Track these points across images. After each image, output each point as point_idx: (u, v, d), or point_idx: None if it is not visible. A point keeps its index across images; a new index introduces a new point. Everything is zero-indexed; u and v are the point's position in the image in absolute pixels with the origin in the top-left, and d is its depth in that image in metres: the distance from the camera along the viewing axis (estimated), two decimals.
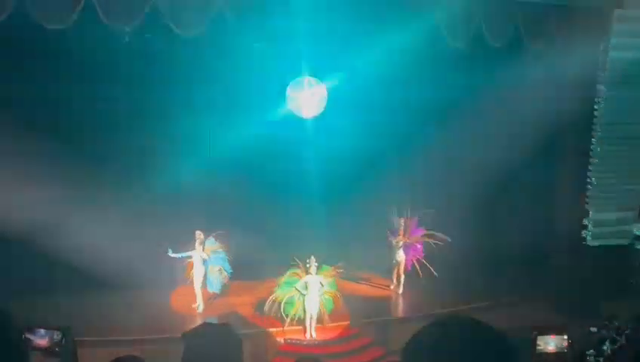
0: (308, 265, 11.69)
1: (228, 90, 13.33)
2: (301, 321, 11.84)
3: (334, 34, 12.29)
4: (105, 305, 12.27)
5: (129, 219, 12.46)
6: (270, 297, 11.95)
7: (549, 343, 9.96)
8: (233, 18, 11.42)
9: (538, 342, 9.95)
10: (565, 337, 10.01)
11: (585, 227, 14.61)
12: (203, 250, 12.44)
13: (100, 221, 12.13)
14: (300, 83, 13.37)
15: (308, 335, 11.80)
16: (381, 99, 13.86)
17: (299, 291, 11.70)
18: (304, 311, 11.75)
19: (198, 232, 12.43)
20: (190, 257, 12.42)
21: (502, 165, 13.72)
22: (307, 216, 13.88)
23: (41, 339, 9.59)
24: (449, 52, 12.92)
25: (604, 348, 10.49)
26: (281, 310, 11.82)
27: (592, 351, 10.44)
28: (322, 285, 11.71)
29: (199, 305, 12.58)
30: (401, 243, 13.63)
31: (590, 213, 14.59)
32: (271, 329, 11.90)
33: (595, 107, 14.12)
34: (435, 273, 13.40)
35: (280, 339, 11.79)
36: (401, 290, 13.83)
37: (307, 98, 13.40)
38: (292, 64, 13.26)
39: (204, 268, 12.47)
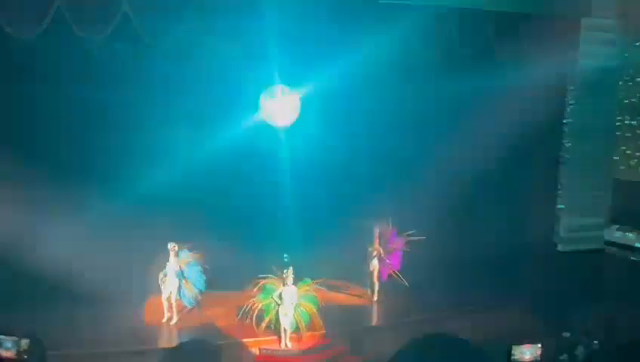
0: (285, 276, 11.63)
1: (201, 99, 13.28)
2: (277, 330, 11.80)
3: (308, 43, 12.33)
4: (76, 317, 12.10)
5: (101, 230, 12.31)
6: (248, 302, 11.88)
7: (525, 353, 10.01)
8: (205, 27, 11.42)
9: (513, 352, 10.00)
10: (539, 345, 10.09)
11: (556, 233, 14.78)
12: (177, 262, 12.32)
13: (70, 232, 11.96)
14: (274, 91, 13.36)
15: (283, 345, 11.75)
16: (354, 108, 13.92)
17: (275, 300, 11.66)
18: (278, 321, 11.71)
19: (172, 245, 12.30)
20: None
21: (474, 173, 13.82)
22: (282, 226, 13.84)
23: (7, 351, 9.37)
24: (421, 61, 13.02)
25: (577, 353, 10.60)
26: (255, 316, 11.74)
27: (565, 355, 10.54)
28: (297, 297, 11.66)
29: (172, 317, 12.45)
30: (375, 252, 13.65)
31: (561, 219, 14.76)
32: (246, 340, 11.83)
33: (565, 114, 14.32)
34: (406, 283, 13.45)
35: (255, 350, 11.73)
36: (375, 298, 13.84)
37: (281, 106, 13.39)
38: (266, 73, 13.25)
39: (177, 280, 12.36)
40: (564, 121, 14.46)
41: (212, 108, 13.43)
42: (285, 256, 12.28)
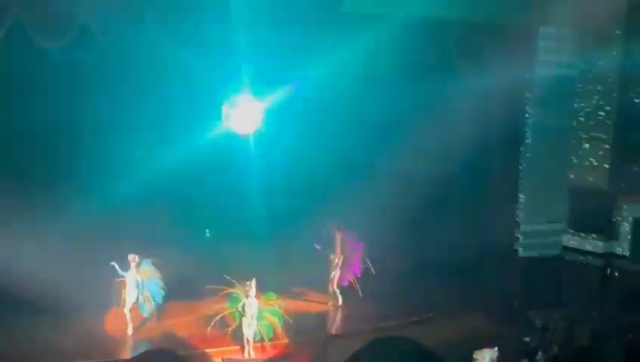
0: (247, 288, 11.55)
1: (162, 107, 13.20)
2: (240, 340, 11.73)
3: (271, 51, 12.35)
4: (34, 329, 11.88)
5: (59, 239, 12.11)
6: (215, 309, 11.81)
7: (485, 356, 10.12)
8: (167, 31, 11.37)
9: (475, 356, 10.10)
10: (495, 349, 10.21)
11: (516, 239, 15.00)
12: (138, 272, 12.18)
13: (27, 240, 11.73)
14: (237, 98, 13.33)
15: (246, 355, 11.68)
16: (317, 116, 13.95)
17: (239, 311, 11.59)
18: (242, 331, 11.65)
19: (132, 256, 12.11)
20: (124, 278, 12.13)
21: (435, 179, 13.95)
22: (243, 233, 13.80)
23: None
24: (382, 70, 13.12)
25: (537, 357, 10.74)
26: (220, 323, 11.69)
27: (525, 360, 10.67)
28: (258, 310, 11.60)
29: (134, 327, 12.30)
30: (336, 259, 13.65)
31: (521, 225, 14.99)
32: (209, 350, 11.74)
33: (524, 122, 14.56)
34: (360, 294, 13.48)
35: (218, 359, 11.64)
36: (340, 303, 13.81)
37: (243, 114, 13.37)
38: (229, 79, 13.22)
39: (137, 291, 12.20)
40: (523, 129, 14.69)
41: (175, 116, 13.36)
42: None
